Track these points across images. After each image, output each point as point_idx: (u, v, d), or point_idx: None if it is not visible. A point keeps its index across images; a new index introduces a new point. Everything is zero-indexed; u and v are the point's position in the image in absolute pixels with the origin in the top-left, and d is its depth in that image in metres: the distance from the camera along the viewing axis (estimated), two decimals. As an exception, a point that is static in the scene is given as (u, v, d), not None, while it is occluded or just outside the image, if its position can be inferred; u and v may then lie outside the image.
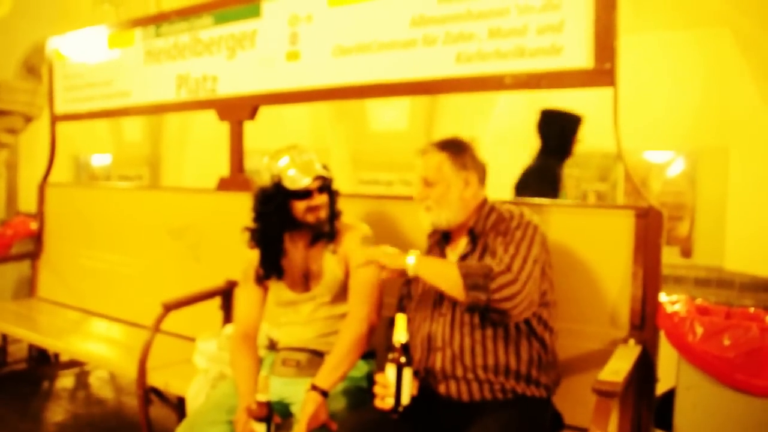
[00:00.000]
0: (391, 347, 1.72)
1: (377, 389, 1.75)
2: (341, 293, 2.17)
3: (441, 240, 2.00)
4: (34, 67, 5.51)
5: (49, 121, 4.21)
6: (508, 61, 2.27)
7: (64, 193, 4.19)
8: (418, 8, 2.46)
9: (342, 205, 2.23)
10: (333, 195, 2.19)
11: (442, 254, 1.99)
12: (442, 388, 1.86)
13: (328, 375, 1.96)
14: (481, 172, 1.96)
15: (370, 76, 2.62)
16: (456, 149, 1.94)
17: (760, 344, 1.73)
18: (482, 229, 1.91)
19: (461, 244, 1.95)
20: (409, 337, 1.72)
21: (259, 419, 1.86)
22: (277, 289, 2.22)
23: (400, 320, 1.72)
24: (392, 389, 1.69)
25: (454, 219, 1.92)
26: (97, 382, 3.97)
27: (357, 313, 2.07)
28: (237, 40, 3.08)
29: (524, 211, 1.90)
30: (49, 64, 4.17)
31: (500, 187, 2.09)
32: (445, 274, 1.77)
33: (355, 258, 2.08)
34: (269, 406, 1.86)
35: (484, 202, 1.97)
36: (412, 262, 1.82)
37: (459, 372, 1.83)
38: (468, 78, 2.36)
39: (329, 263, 2.17)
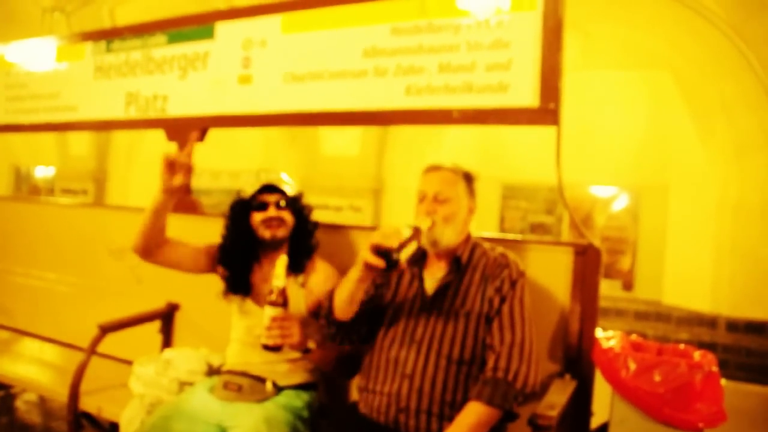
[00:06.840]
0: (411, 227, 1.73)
1: (385, 229, 1.68)
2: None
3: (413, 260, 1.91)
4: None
5: (-12, 131, 4.08)
6: (456, 95, 2.32)
7: None
8: (371, 39, 2.50)
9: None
10: (304, 223, 2.27)
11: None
12: (401, 418, 1.80)
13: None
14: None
15: (320, 104, 2.63)
16: (468, 175, 1.98)
17: (688, 380, 1.79)
18: (467, 262, 1.92)
19: (440, 268, 1.94)
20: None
21: (274, 304, 1.86)
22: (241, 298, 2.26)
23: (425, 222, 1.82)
24: (402, 238, 1.66)
25: (452, 241, 1.90)
26: (24, 406, 3.78)
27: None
28: (189, 60, 3.06)
29: (517, 261, 1.92)
30: (-9, 71, 4.05)
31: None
32: (483, 424, 1.68)
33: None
34: (284, 293, 1.87)
35: (468, 234, 1.99)
36: None
37: (424, 405, 1.78)
38: (417, 110, 2.40)
39: (295, 295, 2.16)
